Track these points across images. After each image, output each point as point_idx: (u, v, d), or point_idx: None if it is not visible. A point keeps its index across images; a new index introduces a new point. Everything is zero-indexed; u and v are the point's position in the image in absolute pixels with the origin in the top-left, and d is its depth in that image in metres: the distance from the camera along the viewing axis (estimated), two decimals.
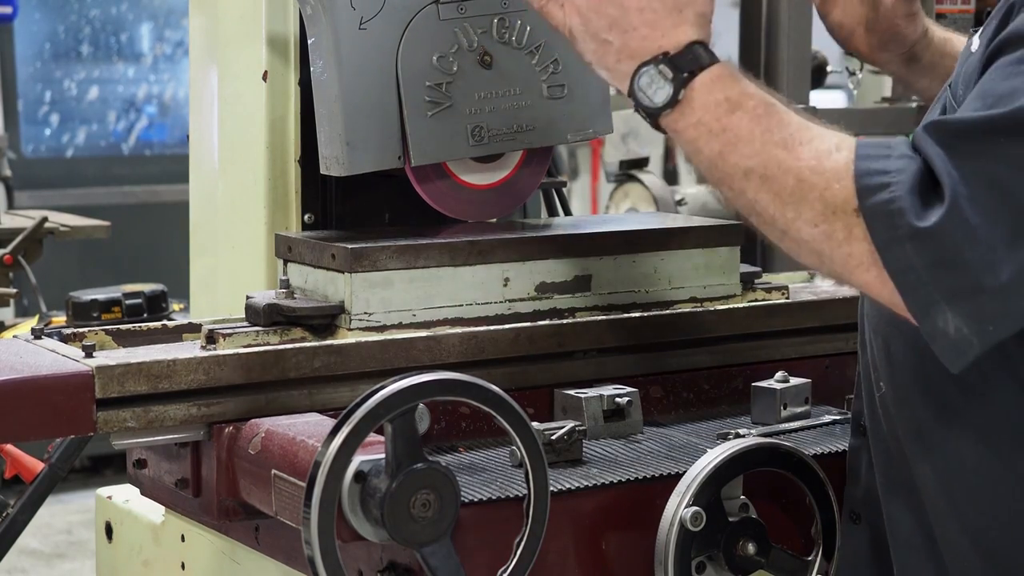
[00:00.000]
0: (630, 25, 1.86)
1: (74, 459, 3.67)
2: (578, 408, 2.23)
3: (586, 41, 1.91)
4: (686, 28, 1.86)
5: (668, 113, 1.84)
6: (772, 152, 1.77)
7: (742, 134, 1.79)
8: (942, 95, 2.01)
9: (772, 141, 1.78)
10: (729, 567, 2.04)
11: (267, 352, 2.16)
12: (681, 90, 1.83)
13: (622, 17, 1.87)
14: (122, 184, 7.85)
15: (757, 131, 1.79)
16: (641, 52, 1.86)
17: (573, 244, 2.43)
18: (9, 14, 7.31)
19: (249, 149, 2.60)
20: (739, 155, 1.79)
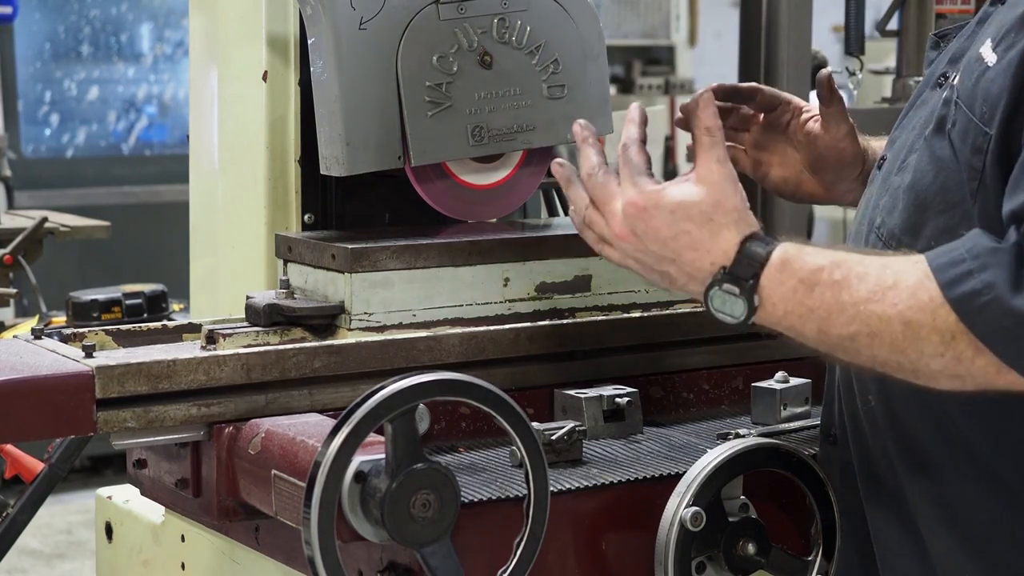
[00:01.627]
0: (675, 253, 1.86)
1: (74, 459, 3.67)
2: (578, 408, 2.23)
3: (650, 275, 1.92)
4: (726, 234, 1.84)
5: (754, 318, 1.84)
6: (867, 310, 1.75)
7: (831, 308, 1.78)
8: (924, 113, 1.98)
9: (861, 300, 1.75)
10: (729, 567, 2.04)
11: (267, 352, 2.16)
12: (753, 296, 1.82)
13: (663, 249, 1.86)
14: (122, 184, 7.85)
15: (844, 297, 1.77)
16: (700, 275, 1.86)
17: (573, 244, 2.42)
18: (9, 14, 7.31)
19: (249, 149, 2.60)
20: (838, 325, 1.77)
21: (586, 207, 1.94)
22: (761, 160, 2.37)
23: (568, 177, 1.98)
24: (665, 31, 9.52)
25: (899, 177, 1.97)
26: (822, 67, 4.74)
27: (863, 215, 2.05)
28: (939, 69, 2.03)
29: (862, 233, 2.03)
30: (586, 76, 2.51)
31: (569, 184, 1.98)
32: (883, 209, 1.98)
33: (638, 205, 1.87)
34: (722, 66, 8.87)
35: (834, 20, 8.23)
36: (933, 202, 1.89)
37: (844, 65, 4.68)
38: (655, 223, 1.86)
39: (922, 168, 1.92)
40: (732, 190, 1.86)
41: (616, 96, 8.65)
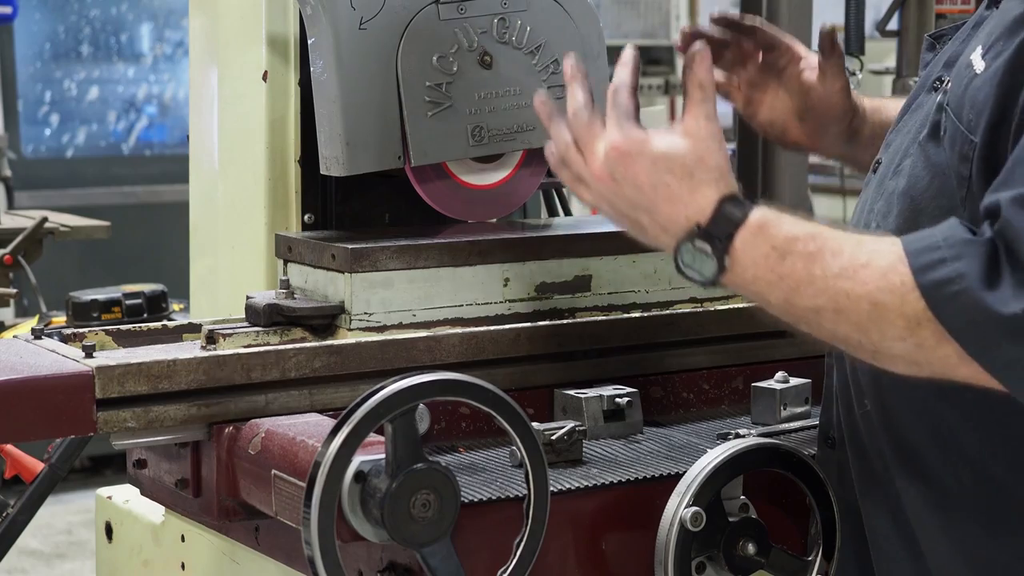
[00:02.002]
0: (651, 203, 1.83)
1: (74, 459, 3.67)
2: (578, 408, 2.23)
3: (621, 222, 1.89)
4: (704, 191, 1.81)
5: (722, 279, 1.82)
6: (836, 285, 1.73)
7: (800, 278, 1.76)
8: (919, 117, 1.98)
9: (832, 275, 1.74)
10: (729, 567, 2.04)
11: (267, 352, 2.16)
12: (725, 257, 1.80)
13: (640, 197, 1.83)
14: (122, 184, 7.84)
15: (814, 270, 1.75)
16: (673, 228, 1.83)
17: (573, 244, 2.43)
18: (9, 14, 7.30)
19: (249, 149, 2.60)
20: (805, 297, 1.76)
21: (566, 146, 1.91)
22: (753, 99, 2.33)
23: (550, 113, 1.94)
24: (665, 31, 9.52)
25: (894, 182, 1.97)
26: None
27: (858, 219, 2.05)
28: (935, 72, 2.02)
29: None
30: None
31: (551, 120, 1.93)
32: (878, 214, 1.98)
33: (621, 150, 1.84)
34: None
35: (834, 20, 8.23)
36: (928, 208, 1.89)
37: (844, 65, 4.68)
38: (635, 169, 1.83)
39: (917, 174, 1.91)
40: (716, 148, 1.84)
41: None
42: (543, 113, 1.95)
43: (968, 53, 1.90)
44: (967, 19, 2.07)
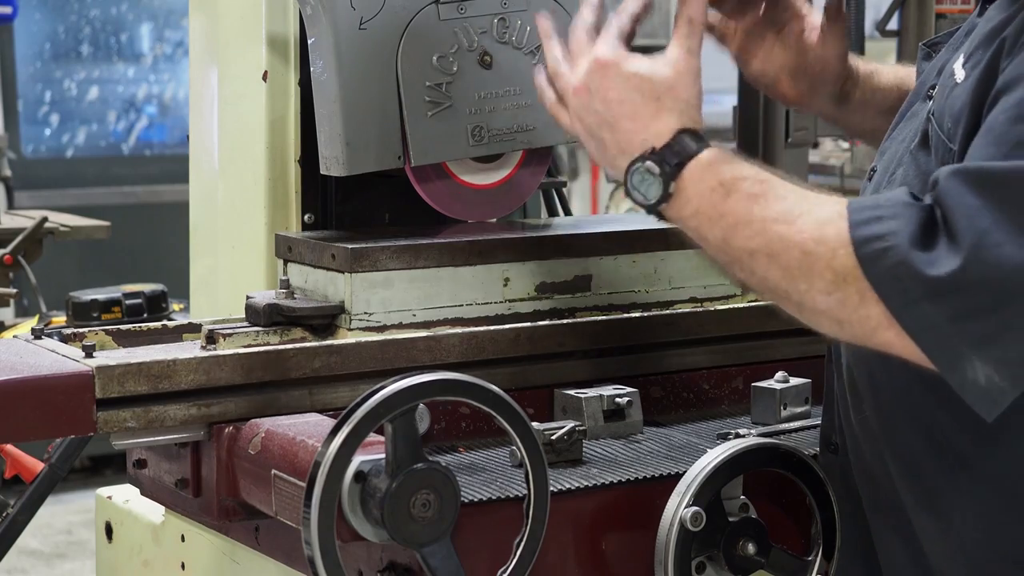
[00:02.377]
0: (614, 119, 1.86)
1: (74, 459, 3.67)
2: (578, 408, 2.24)
3: (587, 141, 1.91)
4: (666, 117, 1.85)
5: (665, 207, 1.84)
6: (773, 229, 1.75)
7: (740, 217, 1.78)
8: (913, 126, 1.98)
9: (771, 218, 1.76)
10: (729, 567, 2.04)
11: (267, 352, 2.16)
12: (671, 183, 1.82)
13: (606, 111, 1.87)
14: (122, 184, 7.85)
15: (755, 211, 1.77)
16: (629, 148, 1.86)
17: (573, 244, 2.43)
18: (9, 14, 7.30)
19: (249, 149, 2.60)
20: (742, 238, 1.78)
21: (556, 61, 1.94)
22: (748, 47, 2.33)
23: (548, 31, 1.98)
24: (665, 31, 9.50)
25: (888, 190, 1.96)
26: None
27: None
28: (928, 80, 2.03)
29: None
30: None
31: (548, 37, 1.97)
32: None
33: (601, 61, 1.88)
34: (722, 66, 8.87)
35: None
36: None
37: None
38: (608, 83, 1.86)
39: (909, 182, 1.92)
40: (691, 82, 1.87)
41: None
42: (543, 30, 1.99)
43: (953, 62, 1.90)
44: (961, 25, 2.07)
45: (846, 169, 5.83)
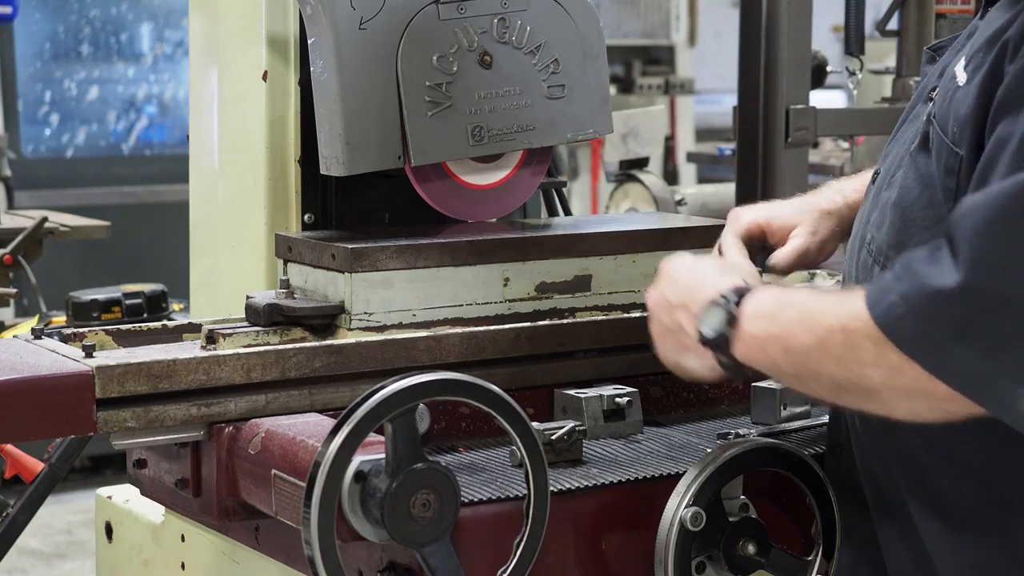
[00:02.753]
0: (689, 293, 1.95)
1: (74, 459, 3.67)
2: (578, 408, 2.23)
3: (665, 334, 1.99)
4: (726, 278, 1.92)
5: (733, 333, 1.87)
6: (817, 321, 1.79)
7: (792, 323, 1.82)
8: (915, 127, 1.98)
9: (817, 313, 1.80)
10: (729, 567, 2.04)
11: (267, 352, 2.16)
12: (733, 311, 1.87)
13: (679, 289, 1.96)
14: (122, 184, 7.84)
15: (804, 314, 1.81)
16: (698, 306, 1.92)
17: (573, 244, 2.43)
18: (9, 14, 7.29)
19: (249, 149, 2.60)
20: (797, 341, 1.81)
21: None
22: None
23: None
24: (665, 31, 9.52)
25: (888, 192, 1.98)
26: (822, 67, 4.75)
27: (857, 230, 2.07)
28: (930, 83, 2.03)
29: (855, 249, 2.05)
30: (586, 76, 2.51)
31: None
32: (873, 225, 2.00)
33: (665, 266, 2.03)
34: (722, 66, 8.87)
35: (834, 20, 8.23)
36: (918, 218, 1.90)
37: (844, 65, 4.67)
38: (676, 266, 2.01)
39: (908, 184, 1.92)
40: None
41: (616, 96, 8.65)
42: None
43: (954, 64, 1.91)
44: (967, 23, 2.08)
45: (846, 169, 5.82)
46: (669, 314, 1.96)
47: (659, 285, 2.00)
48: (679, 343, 1.95)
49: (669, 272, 2.00)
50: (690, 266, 1.99)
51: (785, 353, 1.83)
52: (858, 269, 2.02)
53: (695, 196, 5.23)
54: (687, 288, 1.95)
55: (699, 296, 1.91)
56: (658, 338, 2.00)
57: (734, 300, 1.87)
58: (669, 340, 1.97)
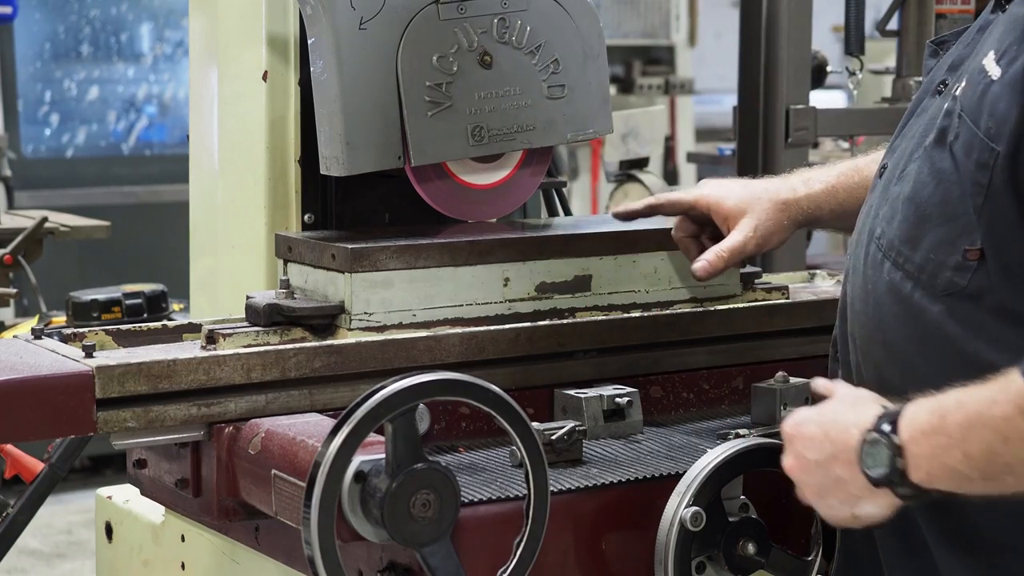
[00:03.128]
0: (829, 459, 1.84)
1: (74, 459, 3.67)
2: (578, 408, 2.23)
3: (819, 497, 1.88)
4: (866, 409, 1.82)
5: (903, 462, 1.78)
6: (990, 413, 1.72)
7: (961, 425, 1.74)
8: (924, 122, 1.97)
9: (984, 406, 1.73)
10: (729, 567, 2.04)
11: (267, 352, 2.16)
12: (894, 437, 1.78)
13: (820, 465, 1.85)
14: (122, 184, 7.83)
15: (970, 414, 1.74)
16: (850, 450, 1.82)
17: (573, 244, 2.43)
18: (9, 14, 7.29)
19: (249, 149, 2.60)
20: (975, 442, 1.73)
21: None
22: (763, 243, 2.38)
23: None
24: (665, 31, 9.52)
25: (899, 187, 1.96)
26: (822, 67, 4.75)
27: (863, 224, 2.05)
28: (938, 76, 2.02)
29: (862, 243, 2.03)
30: (586, 76, 2.51)
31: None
32: (883, 219, 1.98)
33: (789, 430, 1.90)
34: (722, 66, 8.87)
35: (834, 20, 8.23)
36: (933, 214, 1.89)
37: (844, 65, 4.67)
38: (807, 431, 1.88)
39: (922, 180, 1.91)
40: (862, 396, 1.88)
41: (616, 96, 8.64)
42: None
43: (979, 57, 1.89)
44: (968, 23, 2.07)
45: None
46: (823, 473, 1.84)
47: (793, 451, 1.87)
48: (847, 496, 1.83)
49: (796, 433, 1.87)
50: (814, 418, 1.87)
51: (967, 460, 1.74)
52: (867, 264, 2.00)
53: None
54: (826, 439, 1.84)
55: (846, 442, 1.81)
56: (818, 500, 1.87)
57: (889, 430, 1.78)
58: (834, 498, 1.84)
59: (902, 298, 1.91)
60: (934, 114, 1.95)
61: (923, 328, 1.90)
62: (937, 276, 1.88)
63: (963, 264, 1.85)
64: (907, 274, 1.91)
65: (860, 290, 2.00)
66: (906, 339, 1.92)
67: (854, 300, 2.02)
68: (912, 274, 1.90)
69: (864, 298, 1.99)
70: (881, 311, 1.95)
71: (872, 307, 1.97)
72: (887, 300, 1.94)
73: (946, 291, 1.87)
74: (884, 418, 1.79)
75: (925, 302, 1.89)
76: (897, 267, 1.92)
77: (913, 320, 1.90)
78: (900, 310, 1.92)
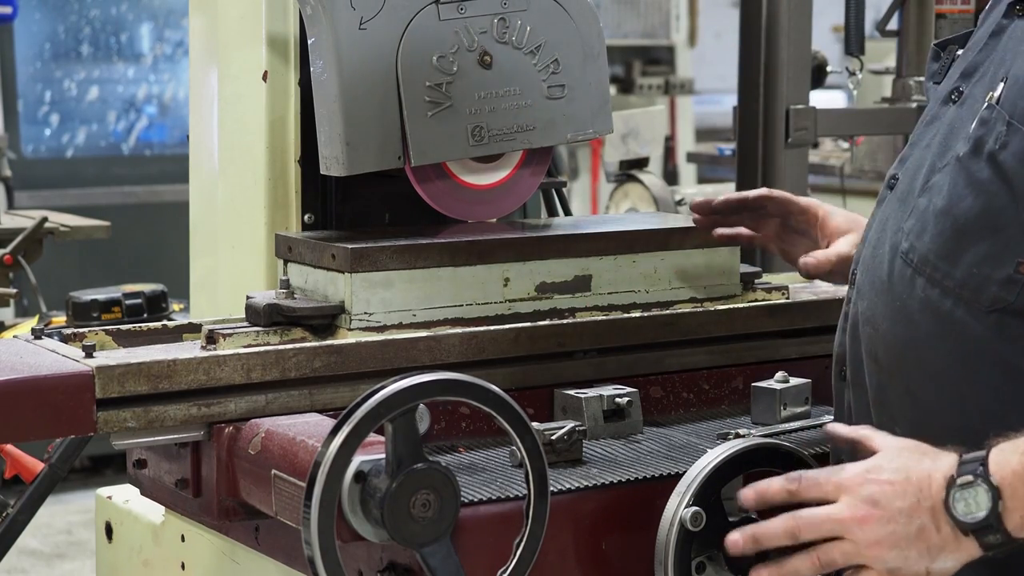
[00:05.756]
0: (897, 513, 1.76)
1: (74, 459, 3.67)
2: (578, 408, 2.24)
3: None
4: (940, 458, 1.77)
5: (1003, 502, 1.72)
6: None
7: None
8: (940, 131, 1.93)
9: None
10: (729, 567, 2.04)
11: (267, 352, 2.16)
12: (988, 474, 1.72)
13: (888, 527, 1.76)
14: (122, 184, 7.84)
15: None
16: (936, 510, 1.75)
17: (573, 244, 2.43)
18: (9, 14, 7.29)
19: (249, 149, 2.60)
20: None
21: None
22: (787, 250, 2.44)
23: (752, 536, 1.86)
24: (665, 31, 9.52)
25: (925, 199, 1.90)
26: (822, 67, 4.75)
27: (880, 238, 1.98)
28: (950, 84, 1.97)
29: (882, 258, 1.95)
30: (586, 76, 2.51)
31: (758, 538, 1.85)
32: (910, 233, 1.90)
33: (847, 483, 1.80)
34: (722, 66, 8.87)
35: (834, 20, 8.23)
36: (973, 228, 1.83)
37: (844, 65, 4.67)
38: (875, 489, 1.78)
39: (958, 192, 1.85)
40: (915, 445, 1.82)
41: (616, 96, 8.64)
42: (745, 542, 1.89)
43: (1019, 64, 1.83)
44: (968, 23, 2.06)
45: (846, 169, 5.83)
46: (906, 521, 1.74)
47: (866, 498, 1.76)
48: (927, 548, 1.74)
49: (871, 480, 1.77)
50: (885, 464, 1.78)
51: None
52: (892, 281, 1.92)
53: (695, 196, 5.23)
54: (909, 484, 1.75)
55: (931, 487, 1.74)
56: (891, 552, 1.75)
57: (981, 472, 1.71)
58: (913, 550, 1.74)
59: (941, 316, 1.85)
60: (953, 124, 1.91)
61: (967, 346, 1.84)
62: (981, 292, 1.82)
63: (1013, 278, 1.80)
64: (946, 290, 1.85)
65: (886, 308, 1.92)
66: (946, 358, 1.86)
67: (874, 319, 1.94)
68: (952, 290, 1.84)
69: (892, 316, 1.91)
70: (915, 330, 1.88)
71: (903, 326, 1.90)
72: (922, 319, 1.87)
73: (992, 307, 1.81)
74: (972, 461, 1.72)
75: (968, 319, 1.83)
76: (933, 283, 1.86)
77: (954, 338, 1.85)
78: (939, 329, 1.86)
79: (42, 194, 7.32)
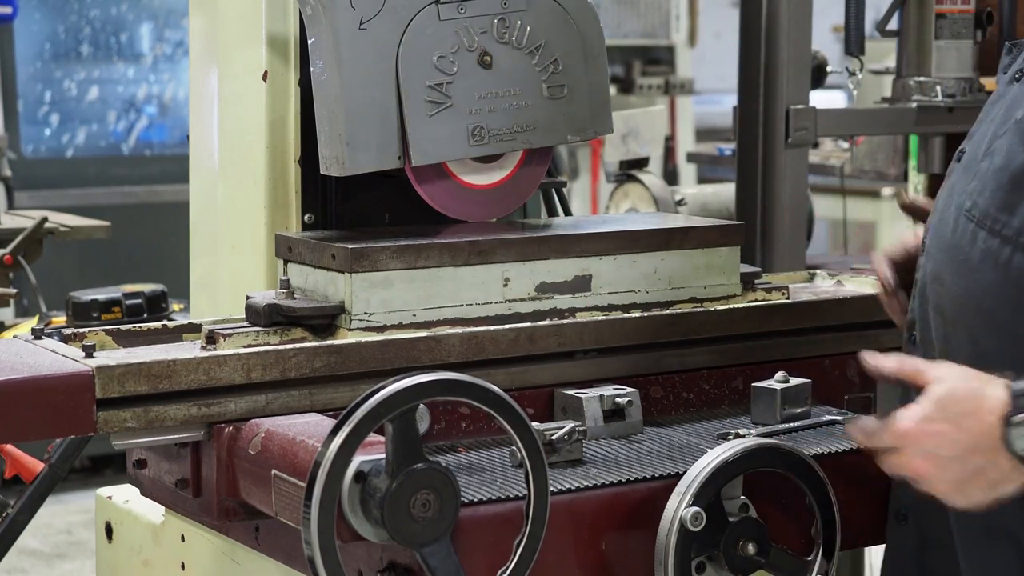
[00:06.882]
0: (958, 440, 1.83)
1: (74, 459, 3.66)
2: (578, 408, 2.23)
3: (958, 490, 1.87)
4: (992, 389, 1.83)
5: None
6: None
7: None
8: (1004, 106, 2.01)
9: None
10: (729, 567, 2.04)
11: (267, 352, 2.16)
12: None
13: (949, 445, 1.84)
14: (122, 184, 7.83)
15: None
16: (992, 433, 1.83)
17: (573, 244, 2.43)
18: (9, 14, 7.29)
19: (249, 149, 2.60)
20: None
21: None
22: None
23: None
24: (665, 31, 9.52)
25: (987, 162, 2.01)
26: (822, 67, 4.75)
27: (947, 203, 2.07)
28: (1016, 65, 2.07)
29: (947, 220, 2.05)
30: (586, 76, 2.51)
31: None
32: (972, 193, 2.01)
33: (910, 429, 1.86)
34: (722, 66, 8.87)
35: (834, 20, 8.22)
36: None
37: (844, 65, 4.67)
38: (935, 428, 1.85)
39: (1013, 149, 1.96)
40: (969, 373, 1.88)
41: (616, 96, 8.64)
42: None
43: None
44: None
45: (846, 169, 5.82)
46: (961, 466, 1.83)
47: (919, 450, 1.85)
48: (989, 482, 1.83)
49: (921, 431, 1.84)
50: (934, 413, 1.85)
51: None
52: (956, 240, 2.01)
53: (695, 196, 5.22)
54: (960, 431, 1.83)
55: (983, 430, 1.82)
56: (955, 493, 1.85)
57: None
58: (974, 487, 1.84)
59: (1000, 264, 1.95)
60: (1016, 97, 2.01)
61: (1022, 291, 1.93)
62: None
63: None
64: (1005, 239, 1.95)
65: (951, 264, 2.02)
66: (1004, 303, 1.95)
67: (940, 275, 2.04)
68: (1011, 239, 1.95)
69: (956, 270, 2.01)
70: (977, 280, 1.98)
71: (966, 278, 2.00)
72: (983, 267, 1.97)
73: None
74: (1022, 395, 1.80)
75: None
76: (994, 234, 1.96)
77: (1012, 284, 1.94)
78: (998, 276, 1.96)
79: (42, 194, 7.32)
